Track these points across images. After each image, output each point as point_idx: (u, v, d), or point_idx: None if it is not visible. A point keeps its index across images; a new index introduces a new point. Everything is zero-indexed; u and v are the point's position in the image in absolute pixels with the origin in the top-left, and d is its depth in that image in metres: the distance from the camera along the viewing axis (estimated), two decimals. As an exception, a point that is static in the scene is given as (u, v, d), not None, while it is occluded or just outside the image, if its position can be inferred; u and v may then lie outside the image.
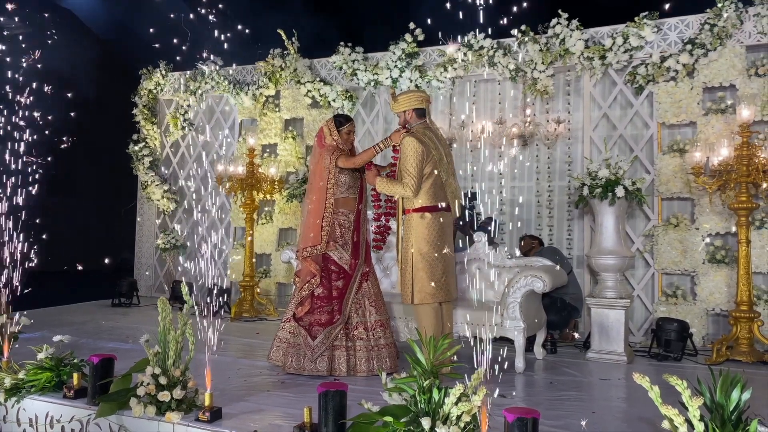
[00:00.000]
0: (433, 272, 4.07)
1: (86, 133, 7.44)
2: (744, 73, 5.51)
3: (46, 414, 3.53)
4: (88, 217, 7.43)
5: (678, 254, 5.65)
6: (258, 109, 7.67)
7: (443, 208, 4.17)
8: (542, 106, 6.38)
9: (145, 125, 8.37)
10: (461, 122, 6.66)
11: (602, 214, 5.01)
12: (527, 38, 6.17)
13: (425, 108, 4.25)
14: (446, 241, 4.17)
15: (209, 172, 8.09)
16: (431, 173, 4.09)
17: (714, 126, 5.56)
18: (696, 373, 2.35)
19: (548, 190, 6.40)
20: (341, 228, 4.37)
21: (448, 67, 6.54)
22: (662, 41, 5.82)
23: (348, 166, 4.37)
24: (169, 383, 3.22)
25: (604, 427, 3.24)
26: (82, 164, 7.47)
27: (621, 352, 4.85)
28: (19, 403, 3.60)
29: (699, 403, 2.21)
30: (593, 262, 5.06)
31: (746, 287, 4.89)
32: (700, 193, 5.57)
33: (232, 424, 3.09)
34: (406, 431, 2.59)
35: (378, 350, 4.28)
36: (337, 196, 4.38)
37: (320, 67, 7.38)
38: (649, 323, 5.79)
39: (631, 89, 6.01)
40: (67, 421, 3.45)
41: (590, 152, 6.14)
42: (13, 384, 3.62)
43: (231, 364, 4.49)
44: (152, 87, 8.32)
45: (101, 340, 5.31)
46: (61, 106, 6.17)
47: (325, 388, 2.80)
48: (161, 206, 8.29)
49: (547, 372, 4.55)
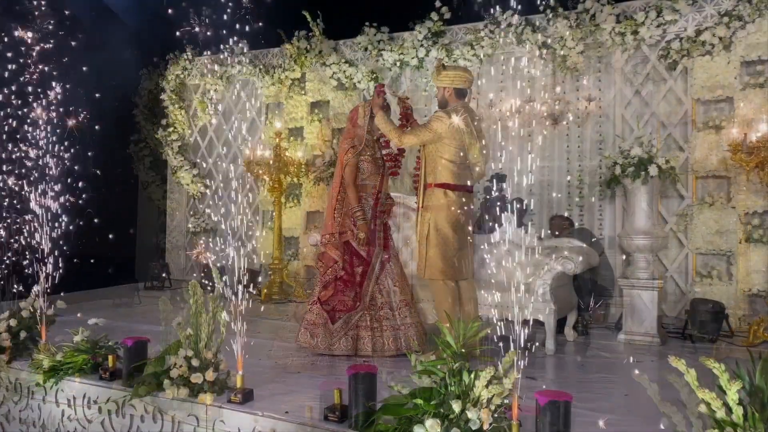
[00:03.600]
0: (446, 250, 4.06)
1: (112, 120, 7.55)
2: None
3: (83, 395, 3.62)
4: (118, 203, 7.56)
5: (713, 234, 5.51)
6: (284, 93, 7.66)
7: (467, 188, 4.14)
8: (572, 84, 6.24)
9: (173, 110, 8.44)
10: (489, 101, 6.55)
11: (635, 193, 4.90)
12: (557, 14, 6.02)
13: (467, 89, 4.19)
14: (466, 221, 4.14)
15: (238, 156, 8.13)
16: (458, 154, 4.06)
17: (752, 101, 5.37)
18: (732, 355, 2.29)
19: (578, 170, 6.28)
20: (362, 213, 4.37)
21: (475, 45, 6.43)
22: (697, 14, 5.63)
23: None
24: (201, 365, 3.26)
25: (638, 410, 3.19)
26: (107, 150, 7.58)
27: (654, 334, 4.77)
28: (57, 385, 3.70)
29: (738, 387, 2.16)
30: (625, 243, 4.97)
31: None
32: (737, 170, 5.41)
33: (263, 405, 3.12)
34: (436, 413, 2.59)
35: (405, 329, 4.29)
36: (358, 183, 4.37)
37: (345, 48, 7.32)
38: (683, 304, 5.68)
39: (664, 65, 5.83)
40: (103, 402, 3.53)
41: (622, 131, 5.99)
42: (51, 366, 3.71)
43: (262, 346, 4.54)
44: (179, 72, 8.36)
45: (135, 323, 5.40)
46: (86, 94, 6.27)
47: (355, 371, 2.80)
48: (191, 190, 8.37)
49: (577, 354, 4.51)
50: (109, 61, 7.01)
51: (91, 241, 5.78)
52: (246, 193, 8.10)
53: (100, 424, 3.53)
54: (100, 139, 6.20)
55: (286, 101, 7.66)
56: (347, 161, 4.32)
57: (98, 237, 6.23)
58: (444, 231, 4.06)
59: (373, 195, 4.40)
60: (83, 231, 5.15)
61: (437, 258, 4.04)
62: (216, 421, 3.15)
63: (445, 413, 2.57)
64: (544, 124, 6.33)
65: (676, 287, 5.78)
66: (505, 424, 2.50)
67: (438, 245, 4.05)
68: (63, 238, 4.16)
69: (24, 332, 4.07)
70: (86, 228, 5.42)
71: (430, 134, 4.07)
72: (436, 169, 4.12)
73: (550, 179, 6.37)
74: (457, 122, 3.97)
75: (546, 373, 3.99)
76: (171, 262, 8.36)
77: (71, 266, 4.23)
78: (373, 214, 4.39)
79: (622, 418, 3.06)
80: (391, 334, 4.24)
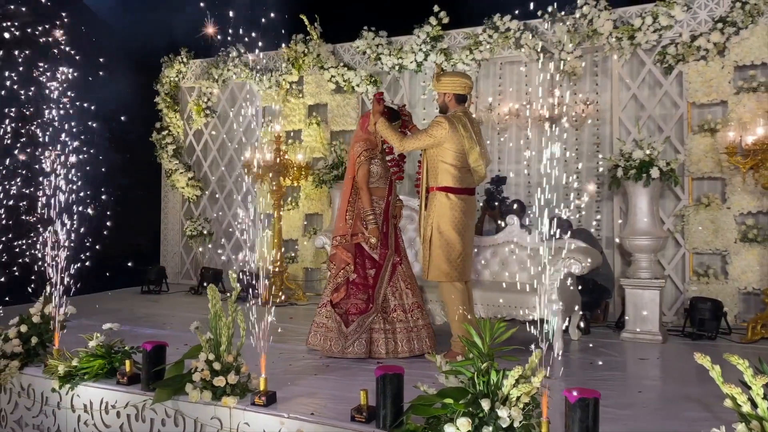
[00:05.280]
0: (450, 253, 4.13)
1: (109, 123, 7.50)
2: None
3: (100, 400, 3.61)
4: (113, 206, 7.51)
5: (709, 234, 5.65)
6: (281, 96, 7.68)
7: (468, 191, 4.22)
8: (570, 88, 6.35)
9: (168, 113, 8.41)
10: (488, 105, 6.64)
11: (636, 195, 5.01)
12: (554, 19, 6.13)
13: (467, 95, 4.26)
14: (468, 224, 4.22)
15: (234, 159, 8.12)
16: (458, 158, 4.13)
17: (746, 105, 5.52)
18: (731, 352, 2.39)
19: (576, 172, 6.39)
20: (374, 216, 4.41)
21: (474, 49, 6.51)
22: (692, 20, 5.77)
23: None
24: (223, 369, 3.28)
25: (654, 405, 3.28)
26: (104, 153, 7.52)
27: (656, 332, 4.88)
28: (73, 390, 3.69)
29: (764, 381, 2.24)
30: (627, 243, 5.08)
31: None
32: (731, 172, 5.56)
33: (287, 407, 3.15)
34: (465, 413, 2.64)
35: (417, 331, 4.35)
36: (369, 186, 4.42)
37: (343, 52, 7.36)
38: (680, 303, 5.81)
39: (660, 69, 5.97)
40: (122, 406, 3.53)
41: (619, 133, 6.11)
42: (66, 371, 3.70)
43: (272, 349, 4.52)
44: (174, 75, 8.33)
45: (139, 327, 5.39)
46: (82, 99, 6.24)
47: (383, 372, 2.85)
48: (186, 194, 8.34)
49: (584, 353, 4.60)
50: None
51: (88, 242, 5.76)
52: (244, 196, 8.09)
53: (119, 429, 3.53)
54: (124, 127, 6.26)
55: (284, 104, 7.68)
56: (359, 164, 4.36)
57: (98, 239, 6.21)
58: (447, 234, 4.12)
59: (383, 198, 4.46)
60: (78, 232, 5.14)
61: (441, 260, 4.11)
62: (240, 423, 3.18)
63: (475, 412, 2.63)
64: (542, 127, 6.43)
65: (673, 286, 5.91)
66: (534, 422, 2.57)
67: (441, 247, 4.12)
68: (84, 237, 4.14)
69: (35, 338, 4.05)
70: (83, 230, 5.40)
71: (430, 139, 4.14)
72: (438, 173, 4.19)
73: (548, 181, 6.45)
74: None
75: (555, 372, 4.06)
76: (166, 266, 8.32)
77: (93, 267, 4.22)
78: (384, 216, 4.44)
79: (641, 414, 3.15)
80: (405, 336, 4.28)
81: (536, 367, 2.62)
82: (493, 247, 5.27)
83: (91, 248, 4.80)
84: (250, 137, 7.99)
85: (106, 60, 7.16)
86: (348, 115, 7.36)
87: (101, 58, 7.06)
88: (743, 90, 5.60)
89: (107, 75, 6.99)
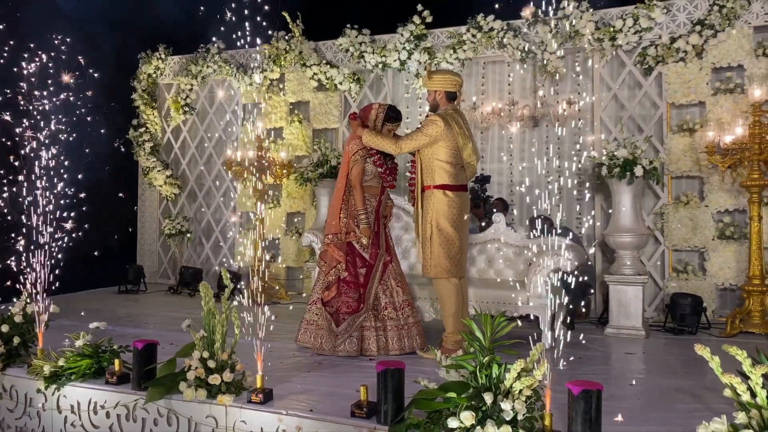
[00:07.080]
0: (449, 249, 4.15)
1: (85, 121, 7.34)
2: (752, 54, 5.62)
3: (88, 400, 3.53)
4: (90, 205, 7.34)
5: (688, 231, 5.78)
6: (262, 93, 7.62)
7: (463, 187, 4.25)
8: (552, 88, 6.44)
9: (145, 110, 8.26)
10: (472, 104, 6.69)
11: (620, 193, 5.10)
12: (537, 20, 6.21)
13: (457, 92, 4.28)
14: (464, 220, 4.25)
15: (213, 157, 8.02)
16: (453, 155, 4.15)
17: (723, 105, 5.67)
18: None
19: (557, 170, 6.48)
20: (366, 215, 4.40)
21: (458, 48, 6.55)
22: (671, 22, 5.90)
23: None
24: (217, 366, 3.24)
25: (647, 397, 3.35)
26: (80, 151, 7.35)
27: (639, 327, 4.98)
28: (59, 391, 3.59)
29: (763, 371, 2.30)
30: (611, 240, 5.17)
31: (758, 262, 5.04)
32: (709, 171, 5.70)
33: (285, 404, 3.13)
34: (468, 406, 2.65)
35: (408, 329, 4.35)
36: (363, 185, 4.41)
37: (326, 49, 7.33)
38: (659, 299, 5.94)
39: (640, 70, 6.09)
40: (112, 406, 3.46)
41: (600, 132, 6.22)
42: (52, 371, 3.61)
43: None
44: (151, 71, 8.20)
45: (122, 326, 5.27)
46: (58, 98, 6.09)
47: (385, 367, 2.84)
48: (163, 192, 8.21)
49: (571, 348, 4.63)
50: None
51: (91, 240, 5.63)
52: (223, 194, 8.00)
53: (109, 429, 3.46)
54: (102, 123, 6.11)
55: (265, 101, 7.61)
56: (354, 162, 4.34)
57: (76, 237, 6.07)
58: (447, 230, 4.14)
59: (376, 196, 4.45)
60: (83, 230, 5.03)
61: (443, 257, 4.12)
62: (236, 421, 3.14)
63: (478, 405, 2.65)
64: (525, 126, 6.50)
65: (653, 283, 6.04)
66: (537, 414, 2.59)
67: (442, 244, 4.13)
68: (63, 237, 4.05)
69: (17, 338, 3.94)
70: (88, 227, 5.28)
71: (426, 138, 4.14)
72: (433, 171, 4.20)
73: (530, 179, 6.54)
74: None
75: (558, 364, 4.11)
76: (143, 265, 8.18)
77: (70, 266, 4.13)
78: (375, 216, 4.43)
79: (637, 406, 3.21)
80: (396, 333, 4.29)
81: (537, 360, 2.65)
82: (479, 245, 5.31)
83: (66, 247, 4.67)
84: (229, 135, 7.90)
85: (82, 55, 7.00)
86: (330, 113, 7.33)
87: (77, 54, 6.90)
88: (720, 91, 5.76)
89: (82, 72, 6.84)
